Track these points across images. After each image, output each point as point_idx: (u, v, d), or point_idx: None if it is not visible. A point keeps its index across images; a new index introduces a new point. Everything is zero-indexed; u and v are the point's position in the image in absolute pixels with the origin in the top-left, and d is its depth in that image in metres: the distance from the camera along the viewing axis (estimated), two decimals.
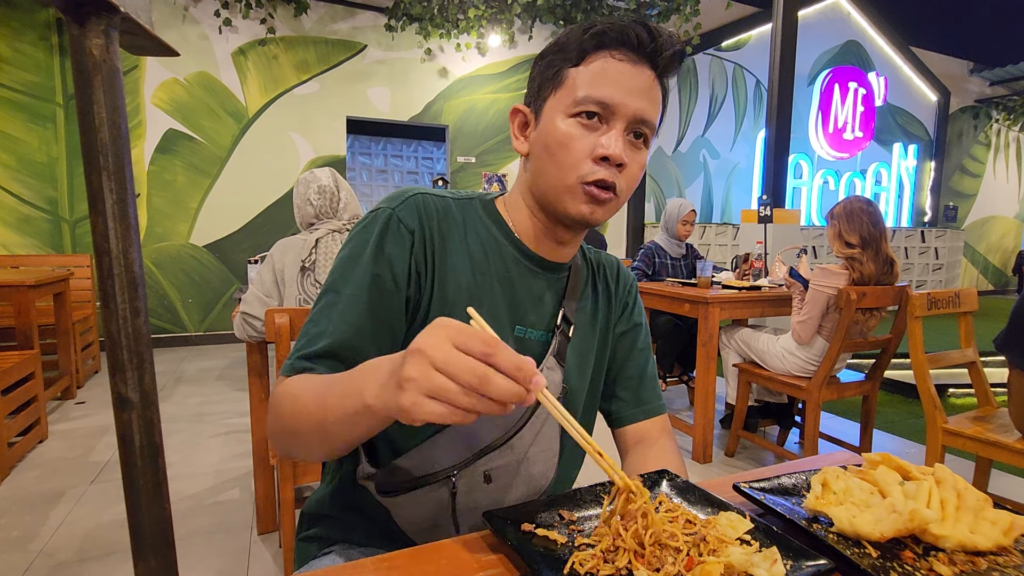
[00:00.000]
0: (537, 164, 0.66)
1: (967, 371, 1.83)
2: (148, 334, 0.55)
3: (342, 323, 0.61)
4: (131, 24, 0.52)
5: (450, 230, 0.68)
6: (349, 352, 0.61)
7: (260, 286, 1.68)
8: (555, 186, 0.64)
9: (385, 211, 0.65)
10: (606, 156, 0.61)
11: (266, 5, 4.47)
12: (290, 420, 0.56)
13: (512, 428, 0.67)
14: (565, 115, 0.63)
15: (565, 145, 0.62)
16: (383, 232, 0.64)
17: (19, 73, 3.90)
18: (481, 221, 0.71)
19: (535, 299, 0.71)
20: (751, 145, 7.12)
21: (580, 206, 0.64)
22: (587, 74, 0.62)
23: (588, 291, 0.78)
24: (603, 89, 0.61)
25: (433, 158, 8.31)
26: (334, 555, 0.70)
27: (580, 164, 0.62)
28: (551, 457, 0.72)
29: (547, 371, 0.69)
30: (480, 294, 0.67)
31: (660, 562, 0.44)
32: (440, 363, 0.40)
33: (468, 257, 0.68)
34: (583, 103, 0.62)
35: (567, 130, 0.62)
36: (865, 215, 2.04)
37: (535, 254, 0.71)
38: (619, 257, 0.85)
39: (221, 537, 1.76)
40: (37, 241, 4.04)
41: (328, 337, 0.61)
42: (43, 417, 2.47)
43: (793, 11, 3.89)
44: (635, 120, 0.62)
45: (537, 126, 0.67)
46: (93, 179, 0.50)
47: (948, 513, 0.49)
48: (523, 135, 0.69)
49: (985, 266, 9.35)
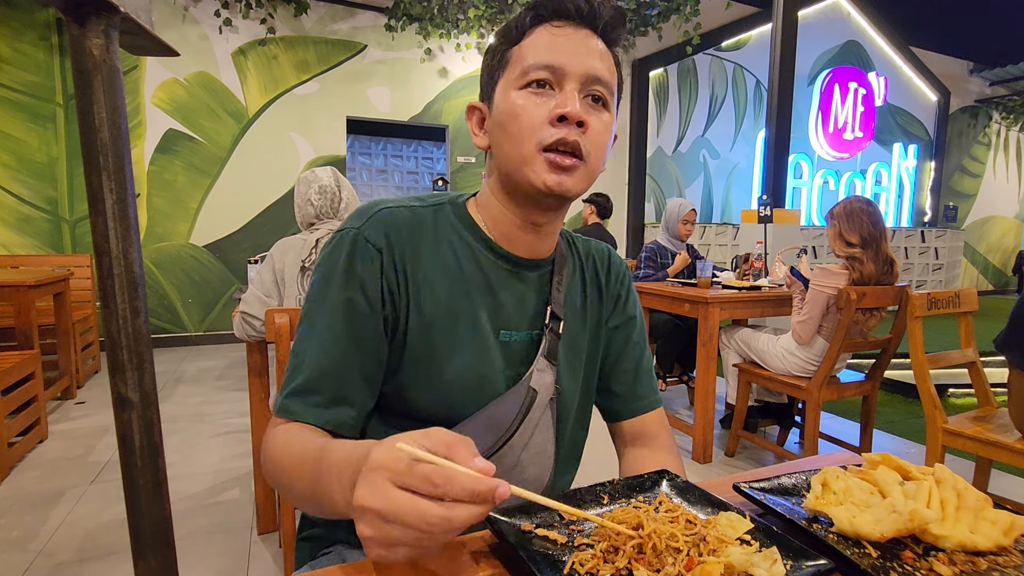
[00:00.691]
0: (497, 149, 0.64)
1: (967, 371, 1.83)
2: (148, 334, 0.55)
3: (321, 354, 0.60)
4: (131, 24, 0.52)
5: (421, 243, 0.65)
6: (333, 382, 0.60)
7: (260, 286, 1.68)
8: (514, 161, 0.62)
9: (350, 232, 0.63)
10: (563, 115, 0.59)
11: (266, 5, 4.47)
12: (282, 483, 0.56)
13: (502, 437, 0.66)
14: (515, 89, 0.61)
15: (518, 115, 0.60)
16: (351, 254, 0.62)
17: (19, 73, 3.90)
18: (453, 228, 0.68)
19: (517, 301, 0.69)
20: (751, 145, 7.12)
21: (544, 176, 0.60)
22: (530, 46, 0.61)
23: (576, 283, 0.76)
24: (548, 54, 0.60)
25: (433, 158, 8.31)
26: (334, 555, 0.70)
27: (536, 130, 0.60)
28: (546, 460, 0.71)
29: (538, 373, 0.68)
30: (458, 305, 0.65)
31: (660, 563, 0.44)
32: (389, 514, 0.37)
33: (442, 269, 0.65)
34: (531, 71, 0.60)
35: (520, 101, 0.61)
36: (865, 215, 2.04)
37: (511, 254, 0.68)
38: (621, 257, 0.84)
39: (221, 537, 1.76)
40: (37, 241, 4.04)
41: (309, 369, 0.60)
42: (43, 417, 2.47)
43: (793, 11, 3.88)
44: (588, 79, 0.61)
45: (491, 113, 0.65)
46: (93, 179, 0.50)
47: (948, 513, 0.49)
48: (481, 130, 0.68)
49: (985, 266, 9.34)
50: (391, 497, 0.37)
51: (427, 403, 0.65)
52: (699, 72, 6.69)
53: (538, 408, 0.68)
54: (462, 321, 0.65)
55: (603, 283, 0.79)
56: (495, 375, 0.67)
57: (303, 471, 0.52)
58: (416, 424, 0.64)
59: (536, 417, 0.68)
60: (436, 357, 0.64)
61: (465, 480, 0.37)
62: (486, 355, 0.66)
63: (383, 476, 0.38)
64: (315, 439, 0.55)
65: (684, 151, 6.76)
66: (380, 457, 0.39)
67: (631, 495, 0.57)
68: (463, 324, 0.65)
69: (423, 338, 0.64)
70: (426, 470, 0.37)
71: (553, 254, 0.73)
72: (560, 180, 0.60)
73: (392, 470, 0.38)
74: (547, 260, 0.72)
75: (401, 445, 0.38)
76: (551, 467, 0.72)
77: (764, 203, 3.14)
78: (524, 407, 0.67)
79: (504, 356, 0.68)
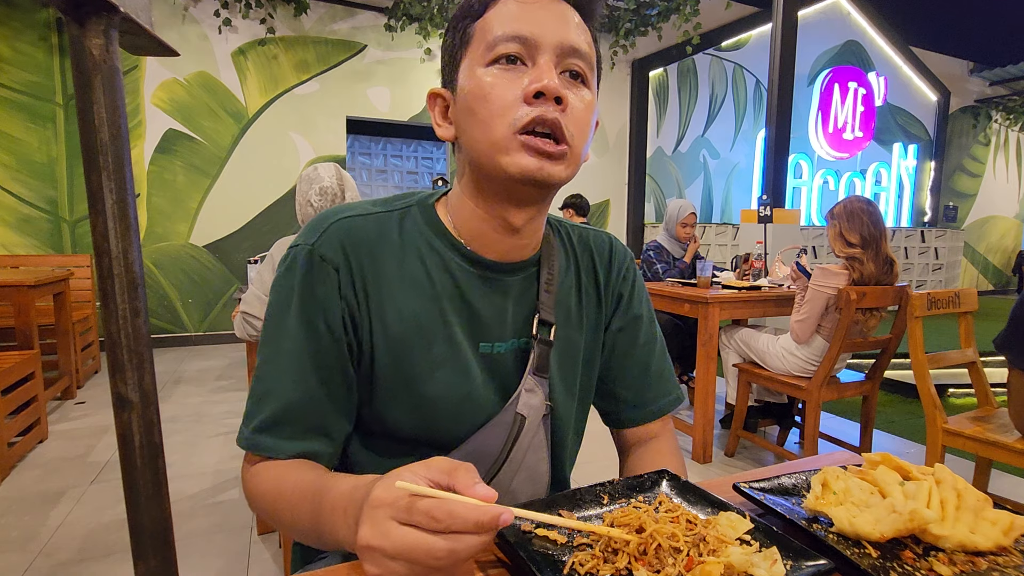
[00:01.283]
0: (465, 137, 0.56)
1: (967, 371, 1.83)
2: (148, 334, 0.55)
3: (287, 381, 0.56)
4: (131, 24, 0.52)
5: (383, 254, 0.59)
6: (300, 413, 0.56)
7: (260, 286, 1.67)
8: (485, 148, 0.53)
9: (304, 249, 0.57)
10: (540, 91, 0.51)
11: (266, 5, 4.47)
12: (279, 521, 0.54)
13: (491, 470, 0.62)
14: (482, 66, 0.53)
15: (487, 95, 0.52)
16: (306, 274, 0.57)
17: (19, 73, 3.90)
18: (420, 233, 0.61)
19: (496, 311, 0.62)
20: (751, 145, 7.13)
21: (521, 161, 0.52)
22: (496, 17, 0.53)
23: (569, 280, 0.68)
24: (517, 24, 0.52)
25: (433, 158, 8.31)
26: (331, 557, 0.70)
27: (508, 110, 0.52)
28: (539, 480, 0.67)
29: (526, 393, 0.63)
30: (429, 319, 0.59)
31: (661, 563, 0.44)
32: (394, 552, 0.37)
33: (409, 282, 0.59)
34: (498, 43, 0.52)
35: (488, 79, 0.53)
36: (865, 215, 2.05)
37: (485, 259, 0.61)
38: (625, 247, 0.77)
39: (221, 537, 1.76)
40: (37, 241, 4.04)
41: (275, 400, 0.56)
42: (43, 417, 2.47)
43: (793, 11, 3.88)
44: (564, 50, 0.53)
45: (455, 99, 0.57)
46: (93, 179, 0.50)
47: (948, 513, 0.49)
48: (445, 120, 0.59)
49: (985, 266, 9.34)
50: (395, 535, 0.37)
51: (408, 425, 0.61)
52: (699, 72, 6.69)
53: (528, 432, 0.63)
54: (436, 337, 0.60)
55: (602, 281, 0.71)
56: (478, 391, 0.62)
57: (302, 509, 0.50)
58: (400, 445, 0.62)
59: (527, 442, 0.63)
60: (412, 379, 0.59)
61: (467, 512, 0.36)
62: (467, 372, 0.61)
63: (385, 514, 0.37)
64: (307, 474, 0.53)
65: (684, 151, 6.76)
66: (382, 495, 0.38)
67: (631, 495, 0.57)
68: (438, 340, 0.60)
69: (394, 358, 0.59)
70: (427, 506, 0.36)
71: (537, 253, 0.65)
72: (541, 165, 0.52)
73: (394, 507, 0.37)
74: (530, 261, 0.64)
75: (400, 483, 0.37)
76: (545, 486, 0.68)
77: (764, 203, 3.14)
78: (512, 435, 0.62)
79: (488, 370, 0.63)
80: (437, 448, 0.62)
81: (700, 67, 6.67)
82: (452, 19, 0.58)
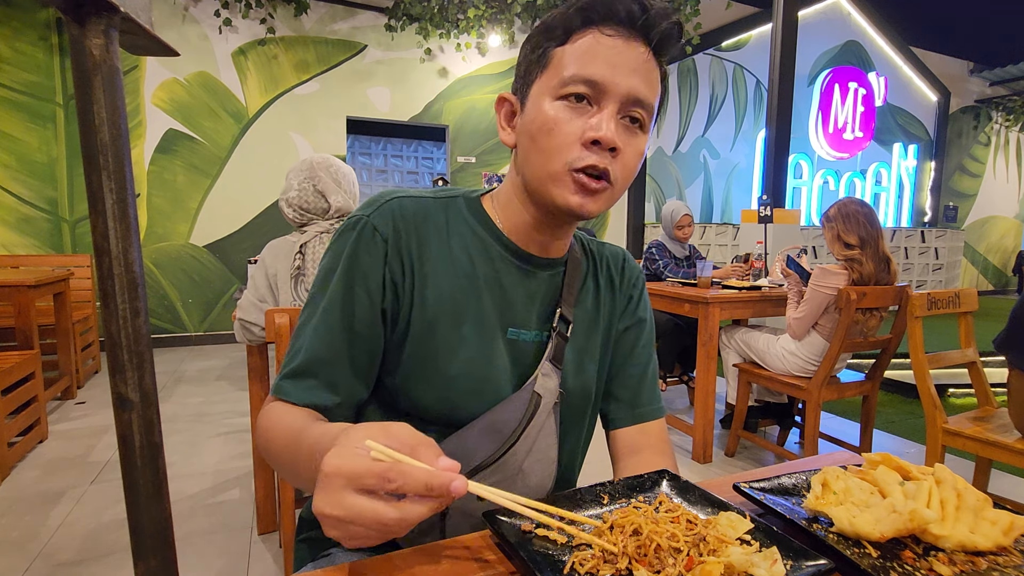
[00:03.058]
0: (523, 153, 0.62)
1: (967, 371, 1.83)
2: (148, 334, 0.55)
3: (316, 339, 0.61)
4: (131, 24, 0.52)
5: (429, 235, 0.64)
6: (323, 368, 0.61)
7: (254, 291, 1.64)
8: (541, 175, 0.59)
9: (360, 219, 0.63)
10: (597, 139, 0.56)
11: (266, 5, 4.47)
12: (271, 459, 0.59)
13: (505, 444, 0.65)
14: (551, 98, 0.58)
15: (551, 130, 0.57)
16: (357, 241, 0.62)
17: (19, 73, 3.90)
18: (465, 221, 0.67)
19: (527, 299, 0.68)
20: (751, 145, 7.13)
21: (569, 196, 0.58)
22: (574, 52, 0.57)
23: (588, 286, 0.74)
24: (591, 67, 0.56)
25: (433, 158, 8.31)
26: (333, 556, 0.70)
27: (567, 149, 0.57)
28: (548, 465, 0.69)
29: (543, 377, 0.67)
30: (464, 300, 0.64)
31: (661, 564, 0.44)
32: (347, 517, 0.38)
33: (450, 262, 0.64)
34: (570, 83, 0.57)
35: (553, 114, 0.58)
36: (861, 215, 2.05)
37: (524, 251, 0.67)
38: (635, 261, 0.83)
39: (221, 537, 1.76)
40: (37, 241, 4.04)
41: (304, 354, 0.61)
42: (43, 417, 2.47)
43: (793, 11, 3.88)
44: (628, 100, 0.57)
45: (523, 113, 0.62)
46: (93, 179, 0.50)
47: (948, 513, 0.49)
48: (510, 125, 0.65)
49: (985, 266, 9.34)
50: (347, 504, 0.38)
51: (429, 400, 0.64)
52: (699, 72, 6.69)
53: (542, 413, 0.67)
54: (468, 317, 0.64)
55: (617, 284, 0.77)
56: (499, 375, 0.65)
57: (285, 450, 0.55)
58: (416, 421, 0.63)
59: (540, 423, 0.67)
60: (439, 353, 0.63)
61: (419, 474, 0.38)
62: (492, 353, 0.65)
63: (339, 483, 0.38)
64: (298, 419, 0.56)
65: (684, 151, 6.76)
66: (336, 462, 0.39)
67: (631, 495, 0.57)
68: (469, 321, 0.64)
69: (426, 332, 0.63)
70: (382, 468, 0.38)
71: (566, 255, 0.71)
72: (583, 203, 0.59)
73: (347, 475, 0.38)
74: (560, 260, 0.70)
75: (370, 442, 0.39)
76: (553, 473, 0.70)
77: (764, 203, 3.14)
78: (528, 413, 0.65)
79: (511, 355, 0.67)
80: (454, 426, 0.65)
81: (700, 67, 6.67)
82: (536, 31, 0.62)
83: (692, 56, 6.10)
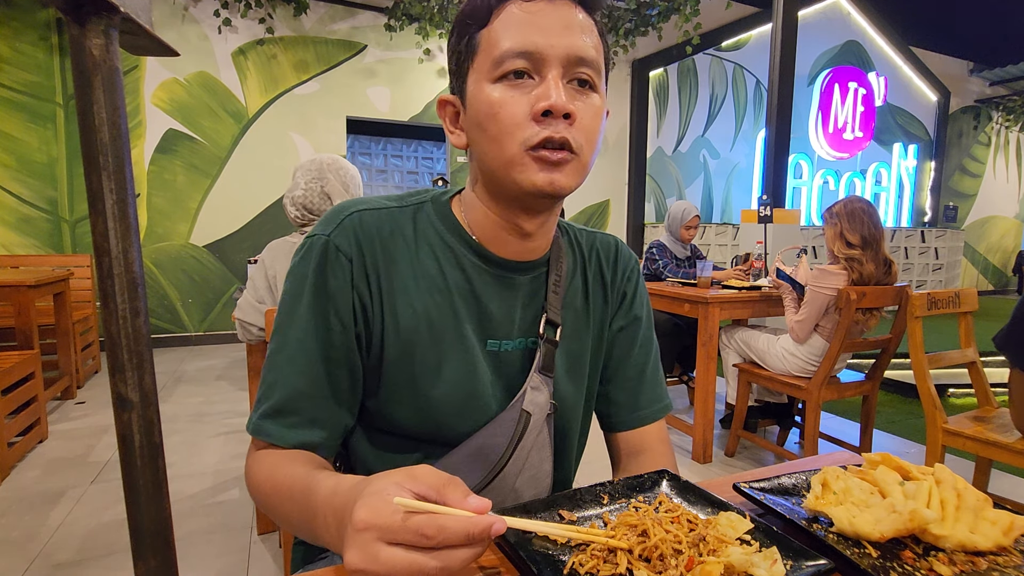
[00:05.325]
0: (477, 148, 0.57)
1: (967, 371, 1.83)
2: (148, 334, 0.55)
3: (292, 372, 0.57)
4: (131, 24, 0.52)
5: (396, 248, 0.60)
6: (305, 403, 0.57)
7: (253, 292, 1.64)
8: (500, 163, 0.55)
9: (319, 239, 0.58)
10: (548, 109, 0.52)
11: (265, 5, 4.47)
12: (274, 515, 0.54)
13: (494, 469, 0.61)
14: (489, 82, 0.54)
15: (496, 113, 0.53)
16: (320, 264, 0.57)
17: (19, 73, 3.90)
18: (434, 229, 0.62)
19: (506, 307, 0.63)
20: (751, 145, 7.12)
21: (534, 176, 0.53)
22: (500, 28, 0.53)
23: (577, 283, 0.69)
24: (521, 37, 0.52)
25: (433, 158, 8.30)
26: (332, 557, 0.70)
27: (519, 129, 0.53)
28: (543, 480, 0.67)
29: (531, 391, 0.63)
30: (440, 316, 0.60)
31: (662, 564, 0.44)
32: (385, 571, 0.36)
33: (421, 276, 0.60)
34: (504, 60, 0.53)
35: (497, 95, 0.53)
36: (866, 215, 2.04)
37: (497, 257, 0.62)
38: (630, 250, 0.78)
39: (221, 537, 1.76)
40: (37, 241, 4.04)
41: (282, 389, 0.57)
42: (43, 417, 2.47)
43: (793, 11, 3.88)
44: (571, 61, 0.53)
45: (465, 108, 0.58)
46: (93, 179, 0.50)
47: (948, 513, 0.49)
48: (457, 127, 0.60)
49: (985, 266, 9.34)
50: (383, 558, 0.36)
51: (413, 422, 0.61)
52: (699, 72, 6.69)
53: (533, 431, 0.63)
54: (446, 333, 0.60)
55: (608, 280, 0.72)
56: (484, 390, 0.62)
57: (292, 507, 0.50)
58: (404, 441, 0.62)
59: (531, 440, 0.63)
60: (419, 376, 0.60)
61: (458, 526, 0.36)
62: (474, 369, 0.61)
63: (372, 536, 0.36)
64: (298, 471, 0.53)
65: (684, 151, 6.76)
66: (366, 516, 0.36)
67: (631, 495, 0.57)
68: (447, 336, 0.60)
69: (402, 355, 0.60)
70: (417, 523, 0.36)
71: (547, 254, 0.66)
72: (552, 179, 0.54)
73: (381, 528, 0.36)
74: (540, 261, 0.65)
75: (398, 500, 0.36)
76: (548, 486, 0.68)
77: (764, 203, 3.14)
78: (517, 433, 0.62)
79: (494, 368, 0.63)
80: (441, 445, 0.62)
81: (700, 67, 6.67)
82: (456, 22, 0.58)
83: (692, 56, 6.10)
